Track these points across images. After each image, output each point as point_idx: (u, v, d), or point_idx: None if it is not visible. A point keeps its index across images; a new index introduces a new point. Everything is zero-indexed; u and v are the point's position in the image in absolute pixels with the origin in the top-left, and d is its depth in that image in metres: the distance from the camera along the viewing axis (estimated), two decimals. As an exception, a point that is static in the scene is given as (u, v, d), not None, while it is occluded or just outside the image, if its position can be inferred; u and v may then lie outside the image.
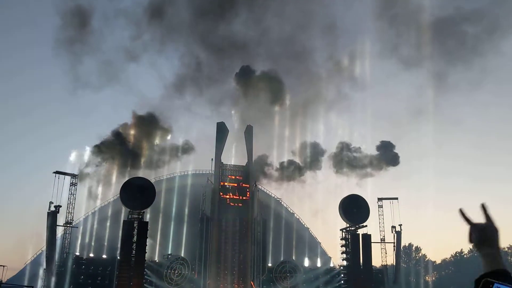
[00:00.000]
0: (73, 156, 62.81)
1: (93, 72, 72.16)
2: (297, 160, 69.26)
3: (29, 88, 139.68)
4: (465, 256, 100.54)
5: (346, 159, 68.85)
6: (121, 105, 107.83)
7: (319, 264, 67.55)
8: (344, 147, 69.35)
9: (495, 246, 2.16)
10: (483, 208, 2.24)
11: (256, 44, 72.97)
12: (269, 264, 62.85)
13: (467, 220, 2.25)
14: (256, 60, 71.92)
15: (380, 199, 66.20)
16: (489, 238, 2.17)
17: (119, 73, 75.08)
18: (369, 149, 70.84)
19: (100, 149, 61.36)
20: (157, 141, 65.94)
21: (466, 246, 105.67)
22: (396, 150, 69.17)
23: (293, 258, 66.89)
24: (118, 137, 62.79)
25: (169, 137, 67.26)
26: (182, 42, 76.07)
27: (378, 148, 69.64)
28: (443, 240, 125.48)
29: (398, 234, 64.46)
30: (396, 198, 64.96)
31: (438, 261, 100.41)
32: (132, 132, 64.42)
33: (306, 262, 66.75)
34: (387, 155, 68.44)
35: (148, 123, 64.50)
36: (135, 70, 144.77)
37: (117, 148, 61.57)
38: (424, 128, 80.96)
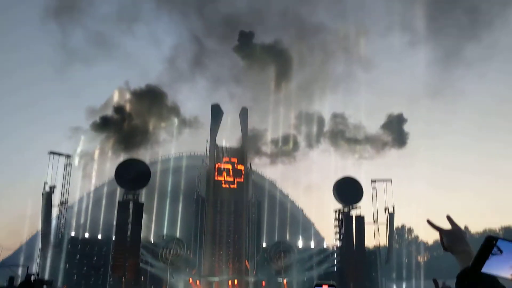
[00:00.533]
0: (68, 136, 62.63)
1: (84, 45, 71.19)
2: (294, 133, 68.66)
3: (20, 66, 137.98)
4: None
5: (341, 134, 68.29)
6: (116, 82, 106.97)
7: (312, 245, 68.25)
8: (340, 121, 68.53)
9: (467, 245, 2.44)
10: (449, 219, 2.47)
11: (257, 17, 70.94)
12: (264, 245, 63.50)
13: (436, 228, 2.54)
14: (257, 34, 69.79)
15: (373, 181, 66.49)
16: (460, 239, 2.46)
17: (111, 47, 73.87)
18: (371, 127, 70.20)
19: (98, 126, 61.00)
20: (156, 121, 64.90)
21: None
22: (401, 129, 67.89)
23: (287, 239, 67.52)
24: (118, 112, 62.16)
25: (175, 120, 65.86)
26: (179, 16, 74.56)
27: (384, 125, 68.75)
28: (435, 221, 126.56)
29: (391, 216, 64.94)
30: (390, 180, 65.32)
31: (430, 242, 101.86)
32: (128, 107, 63.47)
33: (300, 243, 67.44)
34: (395, 133, 67.65)
35: (151, 100, 63.41)
36: (130, 44, 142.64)
37: (114, 126, 60.98)
38: (421, 109, 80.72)
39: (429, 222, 2.52)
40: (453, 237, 2.46)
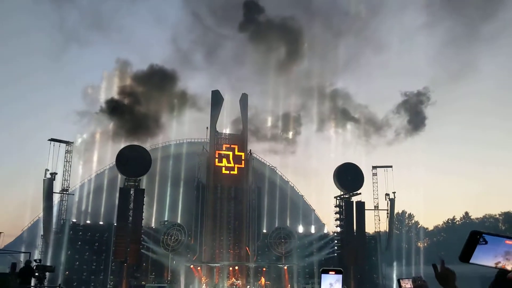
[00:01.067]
0: (69, 122, 62.55)
1: (80, 27, 69.80)
2: (295, 116, 68.14)
3: (15, 51, 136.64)
4: (456, 223, 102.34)
5: (344, 116, 67.81)
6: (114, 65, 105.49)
7: (313, 231, 68.56)
8: (344, 104, 67.80)
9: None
10: (434, 267, 2.65)
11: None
12: (264, 231, 63.79)
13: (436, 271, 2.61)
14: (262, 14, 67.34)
15: (374, 167, 66.50)
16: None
17: (109, 27, 72.54)
18: (379, 111, 69.33)
19: (100, 111, 60.76)
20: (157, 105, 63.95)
21: (458, 213, 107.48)
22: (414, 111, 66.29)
23: (288, 224, 67.81)
24: (120, 95, 61.62)
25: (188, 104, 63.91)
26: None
27: (399, 107, 67.75)
28: (436, 207, 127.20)
29: (392, 202, 65.16)
30: (391, 166, 65.32)
31: (431, 228, 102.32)
32: (127, 88, 62.72)
33: (300, 229, 67.71)
34: (412, 115, 66.67)
35: (152, 83, 62.58)
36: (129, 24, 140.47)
37: (115, 110, 60.51)
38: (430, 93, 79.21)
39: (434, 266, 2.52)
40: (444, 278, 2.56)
